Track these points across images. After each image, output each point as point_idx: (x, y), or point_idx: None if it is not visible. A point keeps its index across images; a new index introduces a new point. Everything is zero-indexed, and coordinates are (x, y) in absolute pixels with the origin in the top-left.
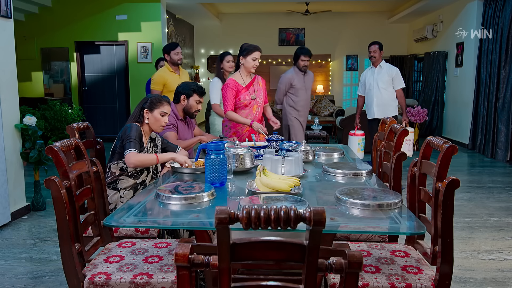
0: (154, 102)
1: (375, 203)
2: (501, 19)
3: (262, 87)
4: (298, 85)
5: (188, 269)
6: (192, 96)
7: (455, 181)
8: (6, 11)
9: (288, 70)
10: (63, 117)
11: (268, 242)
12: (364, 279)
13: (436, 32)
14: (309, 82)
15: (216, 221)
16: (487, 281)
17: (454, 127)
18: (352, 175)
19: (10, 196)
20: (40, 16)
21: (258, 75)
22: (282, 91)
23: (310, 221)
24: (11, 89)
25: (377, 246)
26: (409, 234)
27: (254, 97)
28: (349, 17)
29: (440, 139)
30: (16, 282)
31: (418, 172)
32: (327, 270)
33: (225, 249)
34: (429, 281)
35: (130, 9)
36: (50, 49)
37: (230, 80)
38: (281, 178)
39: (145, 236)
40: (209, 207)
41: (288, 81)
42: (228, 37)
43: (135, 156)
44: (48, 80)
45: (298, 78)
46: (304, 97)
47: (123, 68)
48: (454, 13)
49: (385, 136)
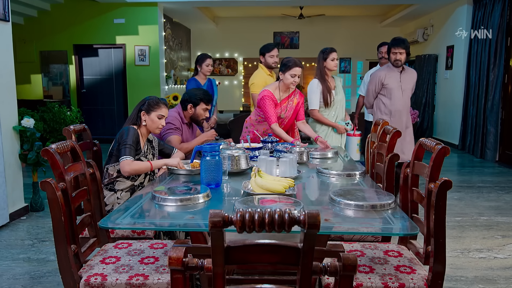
0: (151, 105)
1: (368, 204)
2: (490, 22)
3: (297, 104)
4: (391, 85)
5: (182, 273)
6: (199, 105)
7: (448, 182)
8: (4, 14)
9: (380, 67)
10: (61, 119)
11: (263, 245)
12: (358, 279)
13: (427, 35)
14: (408, 82)
15: (210, 224)
16: (478, 279)
17: (444, 128)
18: (345, 176)
19: (9, 197)
20: (39, 19)
21: (297, 90)
22: (372, 92)
23: (305, 224)
24: (9, 92)
25: (370, 246)
26: (403, 235)
27: (283, 117)
28: (342, 21)
29: (433, 140)
30: (14, 283)
31: (411, 173)
32: (322, 273)
33: (219, 252)
34: (422, 281)
35: (128, 13)
36: (49, 52)
37: (267, 92)
38: (276, 179)
39: (142, 237)
40: (204, 208)
41: (378, 80)
42: (224, 40)
43: (130, 165)
44: (47, 82)
45: (391, 75)
46: (400, 100)
47: (121, 71)
48: (444, 17)
49: (377, 137)
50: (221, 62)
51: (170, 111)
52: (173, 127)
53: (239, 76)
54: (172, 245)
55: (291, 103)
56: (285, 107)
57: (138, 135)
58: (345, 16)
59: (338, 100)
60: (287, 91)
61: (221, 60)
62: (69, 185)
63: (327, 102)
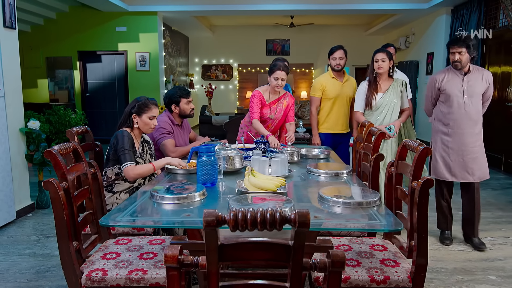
0: (141, 107)
1: (355, 202)
2: (466, 31)
3: (286, 107)
4: (449, 90)
5: (178, 270)
6: (181, 101)
7: (430, 181)
8: (11, 22)
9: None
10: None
11: (255, 243)
12: (346, 273)
13: (409, 43)
14: (473, 86)
15: (204, 224)
16: (457, 270)
17: (425, 129)
18: (334, 175)
19: (15, 195)
20: (45, 27)
21: (288, 93)
22: (429, 98)
23: (295, 223)
24: (16, 95)
25: (357, 241)
26: (388, 231)
27: (272, 117)
28: (330, 30)
29: (415, 141)
30: (19, 277)
31: (395, 172)
32: (312, 269)
33: (213, 250)
34: (405, 274)
35: (129, 22)
36: (54, 58)
37: (257, 92)
38: (268, 178)
39: (141, 233)
40: (200, 206)
41: (434, 84)
42: (220, 47)
43: (133, 170)
44: (53, 87)
45: (451, 79)
46: (459, 109)
47: (122, 76)
48: (425, 26)
49: (363, 138)
50: (217, 68)
51: (160, 117)
52: (165, 131)
53: (234, 80)
54: (170, 242)
55: (281, 105)
56: (275, 108)
57: (131, 137)
58: (333, 25)
59: (384, 104)
60: (276, 93)
61: (217, 65)
62: (71, 184)
63: (368, 105)
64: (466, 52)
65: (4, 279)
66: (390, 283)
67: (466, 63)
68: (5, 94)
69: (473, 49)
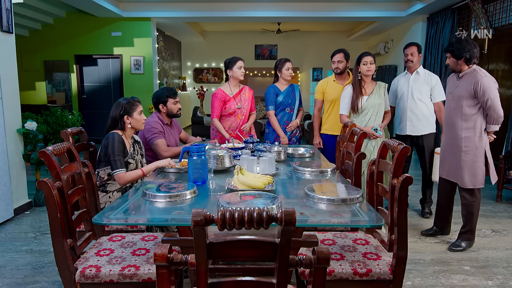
0: (129, 107)
1: (339, 198)
2: (441, 38)
3: (249, 97)
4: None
5: (167, 268)
6: (168, 101)
7: (409, 178)
8: (8, 26)
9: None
10: (64, 122)
11: (243, 241)
12: (330, 266)
13: (388, 48)
14: (464, 87)
15: (192, 223)
16: (434, 261)
17: None
18: (318, 173)
19: (13, 193)
20: (43, 32)
21: (246, 86)
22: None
23: (282, 222)
24: (13, 97)
25: (341, 235)
26: (370, 227)
27: (240, 107)
28: (314, 36)
29: (395, 141)
30: (16, 273)
31: (376, 170)
32: (298, 265)
33: (202, 248)
34: (386, 266)
35: (124, 27)
36: (52, 62)
37: (218, 90)
38: (256, 177)
39: (135, 230)
40: (191, 203)
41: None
42: (211, 52)
43: (124, 178)
44: (51, 89)
45: (451, 80)
46: (447, 107)
47: (118, 79)
48: (402, 32)
49: (346, 137)
50: (209, 71)
51: (150, 117)
52: (157, 131)
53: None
54: (162, 238)
55: (244, 95)
56: (239, 99)
57: (123, 141)
58: (317, 31)
59: (370, 107)
60: (237, 86)
61: (208, 69)
62: (65, 183)
63: (354, 109)
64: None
65: (1, 275)
66: (372, 275)
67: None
68: (3, 96)
69: (462, 53)
